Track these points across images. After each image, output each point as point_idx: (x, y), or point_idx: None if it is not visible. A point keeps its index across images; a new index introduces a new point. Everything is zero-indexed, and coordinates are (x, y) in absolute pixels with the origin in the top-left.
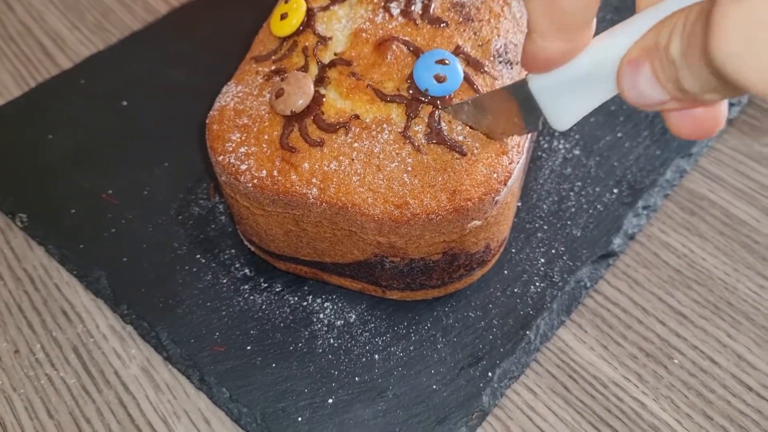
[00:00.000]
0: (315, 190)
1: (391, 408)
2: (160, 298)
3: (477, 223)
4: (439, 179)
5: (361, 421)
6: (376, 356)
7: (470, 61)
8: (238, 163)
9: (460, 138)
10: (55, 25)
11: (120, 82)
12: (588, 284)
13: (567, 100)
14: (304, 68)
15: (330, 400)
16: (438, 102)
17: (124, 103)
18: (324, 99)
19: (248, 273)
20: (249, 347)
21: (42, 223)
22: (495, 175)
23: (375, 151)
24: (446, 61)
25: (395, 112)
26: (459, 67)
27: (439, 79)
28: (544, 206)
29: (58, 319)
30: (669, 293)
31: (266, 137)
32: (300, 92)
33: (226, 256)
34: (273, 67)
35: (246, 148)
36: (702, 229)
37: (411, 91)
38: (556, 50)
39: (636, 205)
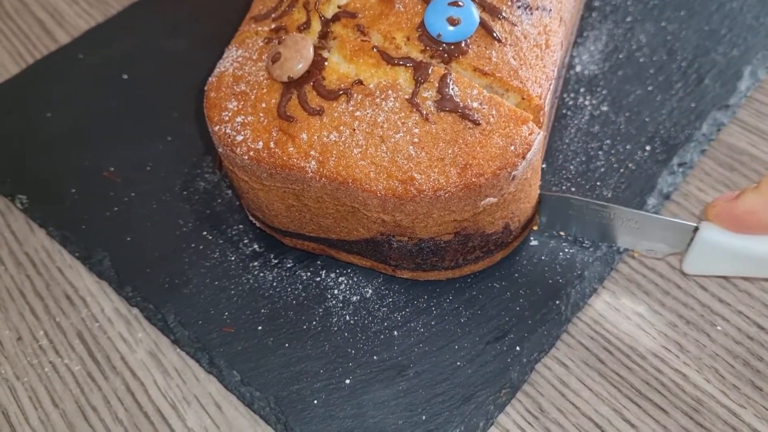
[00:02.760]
0: (314, 162)
1: (413, 387)
2: (165, 279)
3: (492, 200)
4: (449, 152)
5: (381, 402)
6: (395, 332)
7: (486, 6)
8: (234, 133)
9: (475, 105)
10: None
11: (120, 55)
12: (622, 249)
13: (719, 258)
14: (306, 24)
15: (347, 381)
16: (453, 50)
17: (125, 76)
18: (326, 63)
19: (257, 249)
20: (260, 327)
21: (42, 204)
22: (512, 148)
23: (379, 120)
24: (460, 3)
25: (403, 76)
26: (474, 8)
27: (453, 22)
28: (571, 167)
29: (61, 304)
30: None
31: (264, 105)
32: (298, 56)
33: (233, 232)
34: (273, 26)
35: (242, 117)
36: (743, 186)
37: (422, 40)
38: None
39: (670, 163)
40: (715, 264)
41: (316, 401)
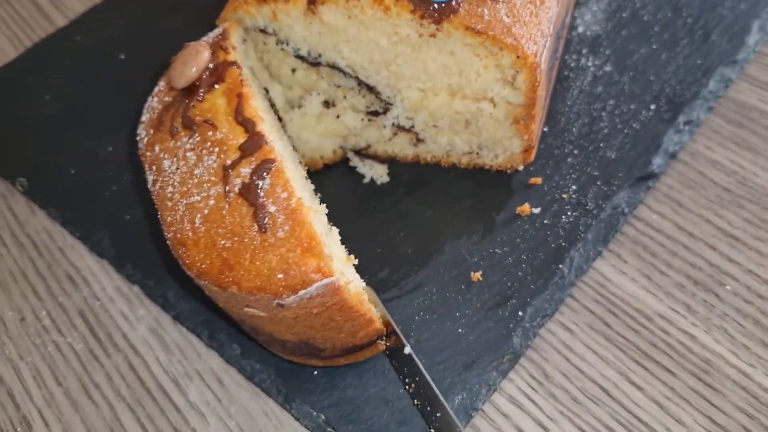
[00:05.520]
0: (151, 177)
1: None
2: (165, 256)
3: (258, 312)
4: (222, 242)
5: (382, 371)
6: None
7: None
8: (144, 114)
9: (273, 209)
10: None
11: (116, 36)
12: (626, 210)
13: None
14: None
15: None
16: (444, 9)
17: (122, 56)
18: (216, 86)
19: None
20: None
21: (42, 186)
22: (281, 276)
23: (196, 172)
24: None
25: (242, 139)
26: None
27: None
28: (574, 129)
29: (63, 284)
30: (718, 214)
31: (167, 99)
32: (182, 69)
33: None
34: None
35: (155, 101)
36: (753, 142)
37: (412, 0)
38: None
39: (676, 121)
40: None
41: (316, 372)
